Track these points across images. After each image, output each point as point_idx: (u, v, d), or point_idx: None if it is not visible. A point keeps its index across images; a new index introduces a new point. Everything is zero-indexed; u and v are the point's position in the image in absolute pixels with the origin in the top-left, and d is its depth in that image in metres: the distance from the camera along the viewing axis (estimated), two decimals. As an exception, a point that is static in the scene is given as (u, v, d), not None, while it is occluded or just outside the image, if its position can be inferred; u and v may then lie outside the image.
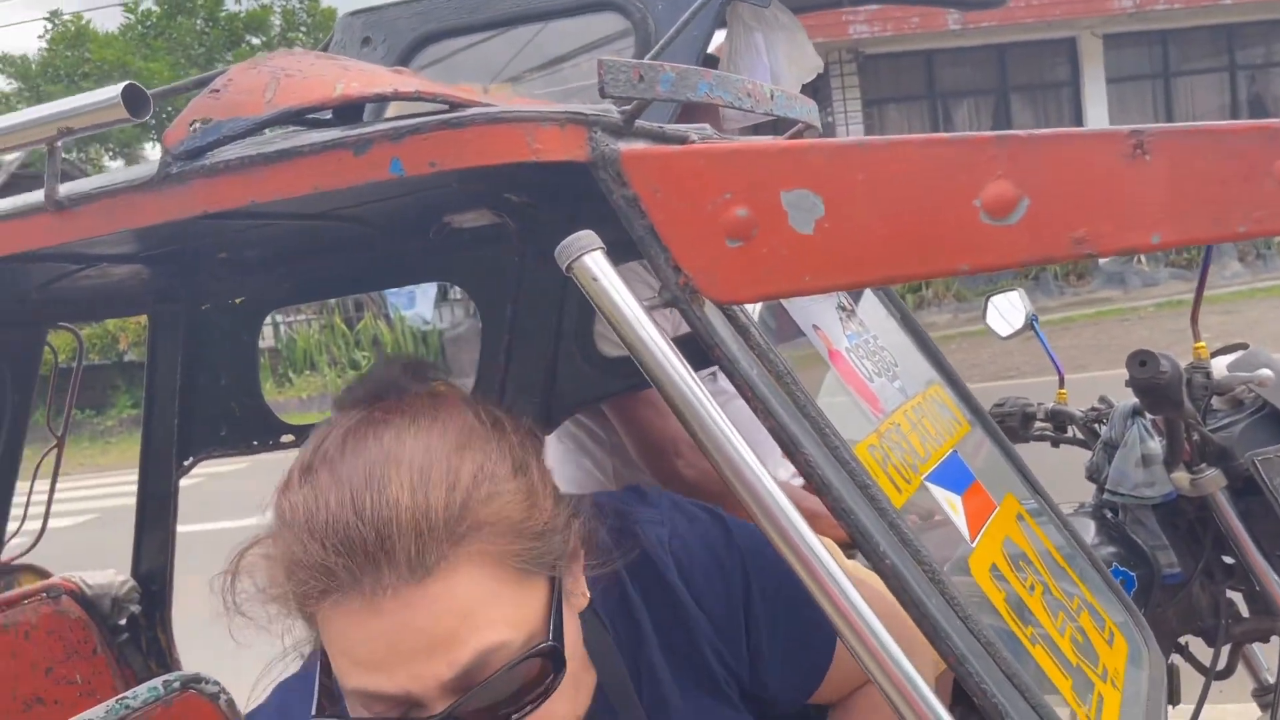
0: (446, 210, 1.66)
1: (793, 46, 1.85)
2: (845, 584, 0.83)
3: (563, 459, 2.10)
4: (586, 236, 0.88)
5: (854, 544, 0.88)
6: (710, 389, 0.91)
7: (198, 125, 0.93)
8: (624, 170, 0.92)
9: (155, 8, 20.62)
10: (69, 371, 2.40)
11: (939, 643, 0.87)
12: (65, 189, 0.98)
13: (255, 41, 20.97)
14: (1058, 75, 15.62)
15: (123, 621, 2.32)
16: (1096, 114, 15.20)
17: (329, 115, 1.08)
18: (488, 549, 0.76)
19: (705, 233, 0.90)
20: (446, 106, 0.99)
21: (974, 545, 1.04)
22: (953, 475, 1.11)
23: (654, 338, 0.87)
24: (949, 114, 15.58)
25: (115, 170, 1.00)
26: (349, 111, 1.04)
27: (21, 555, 2.33)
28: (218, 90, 0.95)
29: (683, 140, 1.07)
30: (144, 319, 2.17)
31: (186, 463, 2.22)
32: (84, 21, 20.74)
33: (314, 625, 0.79)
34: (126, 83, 0.93)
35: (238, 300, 2.11)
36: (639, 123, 1.00)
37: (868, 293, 1.36)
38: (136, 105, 0.93)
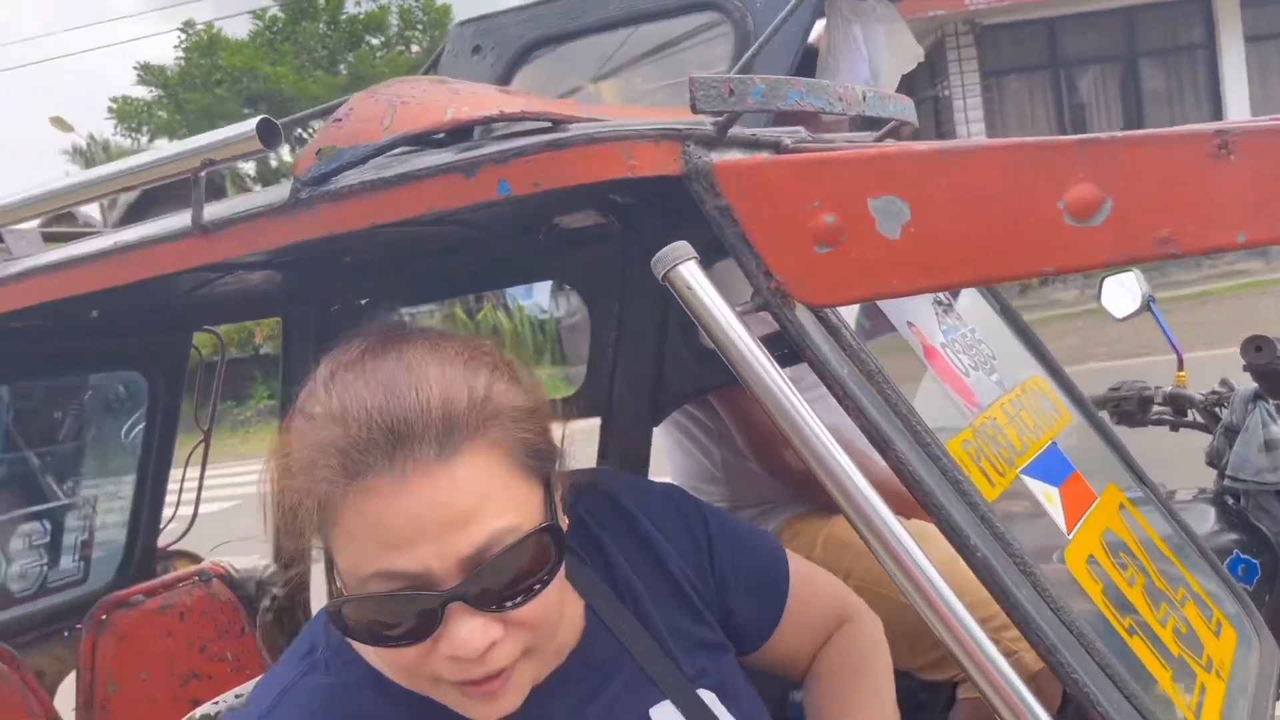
0: (555, 212, 1.73)
1: (892, 37, 1.86)
2: (931, 573, 0.86)
3: (673, 448, 2.16)
4: (681, 247, 0.93)
5: (946, 538, 0.91)
6: (810, 381, 0.95)
7: (323, 153, 1.01)
8: (716, 181, 0.97)
9: (280, 14, 21.43)
10: (213, 367, 2.56)
11: (1030, 633, 0.89)
12: (208, 213, 1.07)
13: (374, 41, 21.59)
14: (1191, 37, 14.87)
15: (267, 603, 2.49)
16: (1234, 77, 14.44)
17: (442, 135, 1.14)
18: (502, 440, 0.83)
19: (795, 239, 0.94)
20: (550, 124, 1.05)
21: (1070, 537, 1.05)
22: (1050, 467, 1.12)
23: (745, 341, 0.91)
24: (1073, 83, 15.02)
25: (253, 194, 1.09)
26: (460, 131, 1.11)
27: (175, 542, 2.51)
28: (340, 119, 1.03)
29: (776, 146, 1.11)
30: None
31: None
32: (215, 30, 21.70)
33: (331, 527, 0.82)
34: (261, 116, 1.02)
35: (363, 301, 2.23)
36: (731, 131, 1.04)
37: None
38: (269, 137, 1.02)
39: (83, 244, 1.28)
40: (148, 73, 21.84)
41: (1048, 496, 1.07)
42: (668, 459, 2.16)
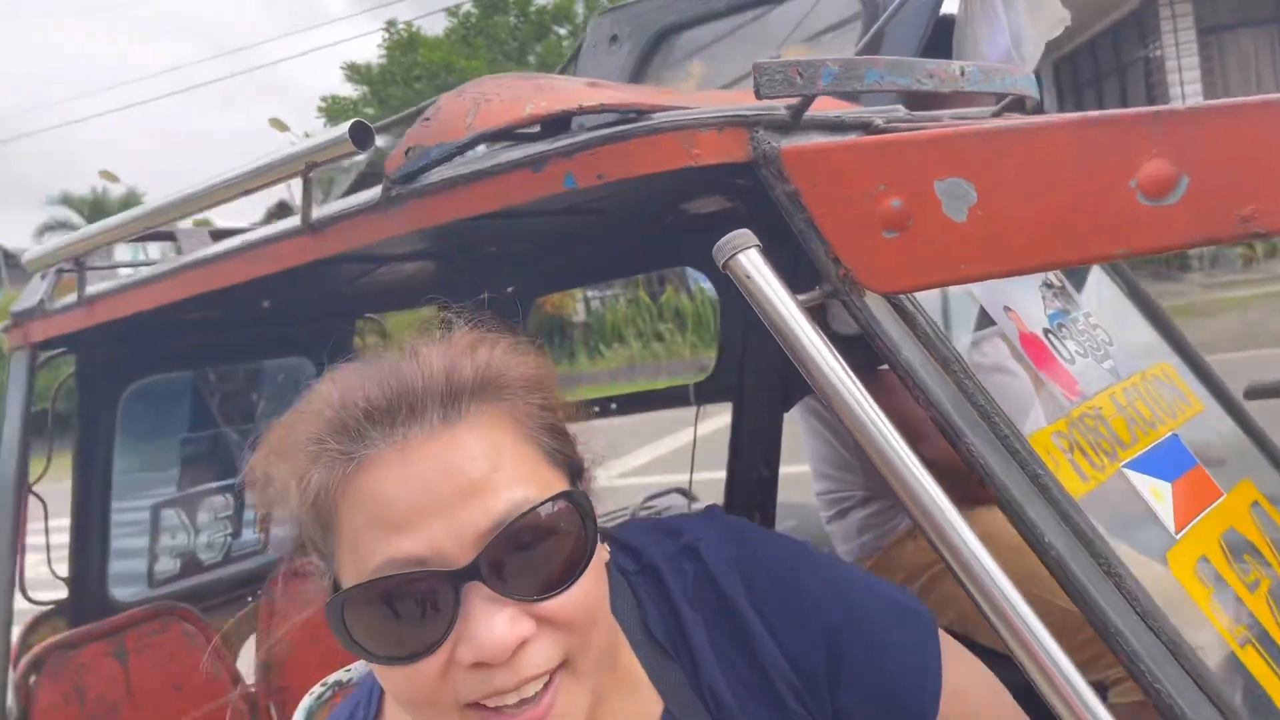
0: (681, 199, 1.74)
1: (1034, 3, 1.76)
2: (1007, 587, 0.82)
3: (809, 434, 2.13)
4: (742, 235, 0.92)
5: (1019, 534, 0.87)
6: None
7: (412, 152, 1.06)
8: (784, 166, 0.95)
9: (474, 9, 22.22)
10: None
11: (1108, 639, 0.84)
12: (316, 213, 1.14)
13: (561, 31, 22.07)
14: None
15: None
16: None
17: (536, 129, 1.17)
18: (513, 409, 0.76)
19: (862, 225, 0.91)
20: (634, 115, 1.06)
21: (1179, 537, 0.98)
22: (1165, 461, 1.05)
23: (807, 332, 0.90)
24: (1305, 36, 13.70)
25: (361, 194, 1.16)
26: (556, 123, 1.13)
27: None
28: (428, 119, 1.08)
29: (866, 126, 1.08)
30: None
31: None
32: (415, 29, 22.73)
33: (334, 515, 0.73)
34: (353, 120, 1.07)
35: (509, 290, 2.31)
36: (811, 115, 1.02)
37: (1093, 266, 1.30)
38: (362, 139, 1.07)
39: (220, 244, 1.38)
40: (354, 72, 23.12)
41: (1155, 492, 1.00)
42: (804, 445, 2.13)
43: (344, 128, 1.05)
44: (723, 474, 2.13)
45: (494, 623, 0.68)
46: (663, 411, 2.25)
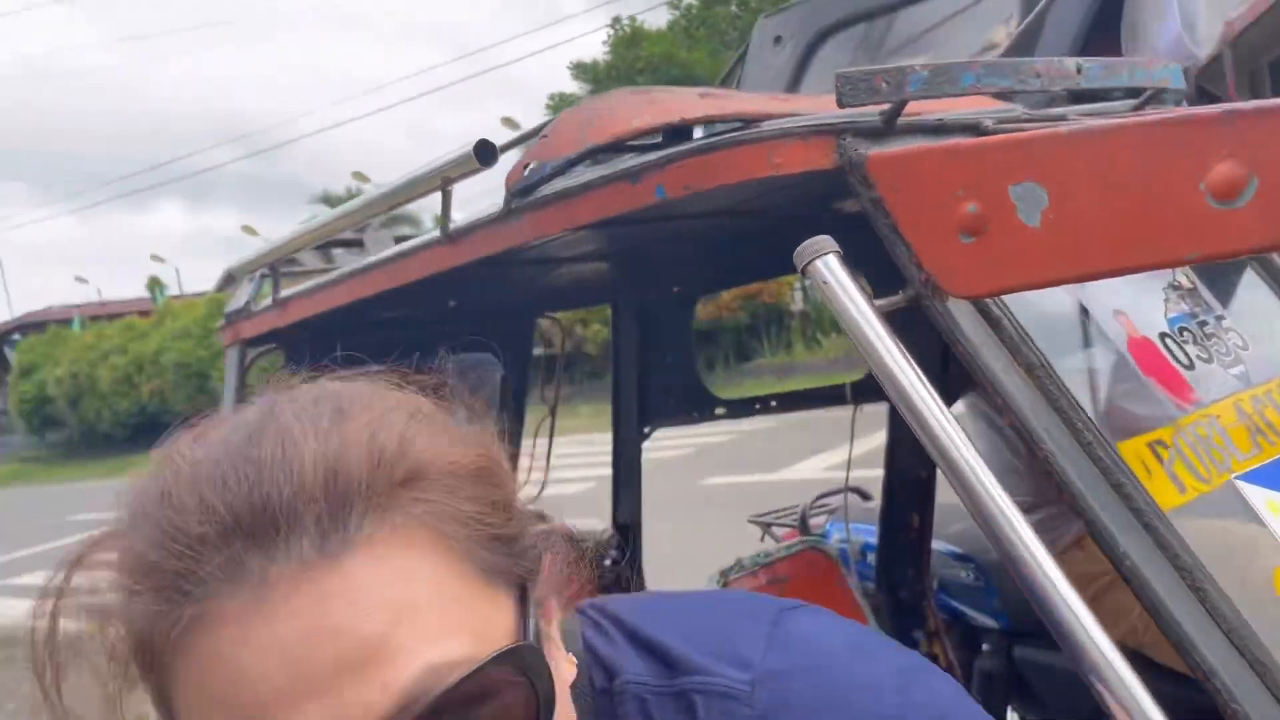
0: (837, 197, 1.76)
1: (1210, -18, 1.67)
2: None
3: (976, 436, 2.09)
4: (823, 241, 0.95)
5: (1094, 541, 0.86)
6: None
7: (530, 167, 1.14)
8: (869, 174, 0.97)
9: (695, 1, 22.49)
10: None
11: (1185, 654, 0.82)
12: (454, 225, 1.25)
13: (783, 20, 21.99)
14: None
15: (607, 563, 2.74)
16: None
17: (658, 139, 1.23)
18: (438, 526, 0.53)
19: (941, 229, 0.92)
20: (740, 124, 1.10)
21: (1294, 554, 0.93)
22: (1292, 473, 0.99)
23: (884, 340, 0.91)
24: None
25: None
26: (681, 132, 1.18)
27: (531, 502, 2.83)
28: (547, 135, 1.16)
29: (973, 129, 1.07)
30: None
31: (646, 430, 2.56)
32: (639, 23, 23.25)
33: (168, 683, 0.51)
34: (479, 139, 1.17)
35: (675, 289, 2.38)
36: (913, 119, 1.03)
37: (1242, 264, 1.22)
38: (485, 157, 1.16)
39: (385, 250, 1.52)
40: (579, 70, 23.91)
41: (1272, 506, 0.95)
42: (973, 443, 2.08)
43: (469, 147, 1.15)
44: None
45: None
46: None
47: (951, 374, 1.96)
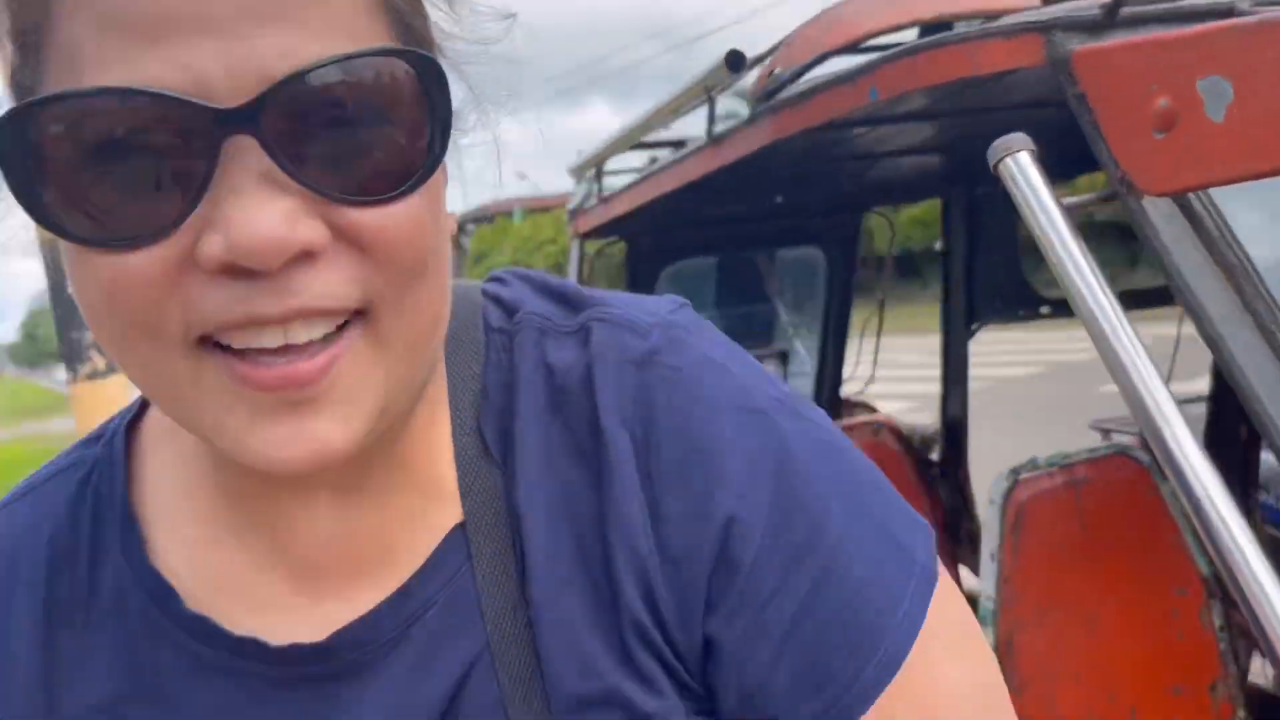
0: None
1: None
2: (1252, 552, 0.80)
3: None
4: (1018, 139, 0.97)
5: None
6: None
7: (773, 74, 1.24)
8: (1074, 69, 0.97)
9: None
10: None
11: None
12: (716, 130, 1.38)
13: None
14: None
15: (933, 457, 2.77)
16: None
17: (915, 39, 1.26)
18: None
19: (1137, 125, 0.91)
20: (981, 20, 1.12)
21: None
22: None
23: (1068, 243, 0.93)
24: None
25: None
26: (940, 27, 1.20)
27: (858, 394, 2.92)
28: (790, 44, 1.24)
29: (1199, 16, 1.01)
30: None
31: (973, 327, 2.54)
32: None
33: (47, 9, 0.44)
34: (730, 49, 1.28)
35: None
36: (1142, 9, 1.00)
37: None
38: (735, 64, 1.27)
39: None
40: None
41: None
42: None
43: (720, 57, 1.27)
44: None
45: (266, 207, 0.43)
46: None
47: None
